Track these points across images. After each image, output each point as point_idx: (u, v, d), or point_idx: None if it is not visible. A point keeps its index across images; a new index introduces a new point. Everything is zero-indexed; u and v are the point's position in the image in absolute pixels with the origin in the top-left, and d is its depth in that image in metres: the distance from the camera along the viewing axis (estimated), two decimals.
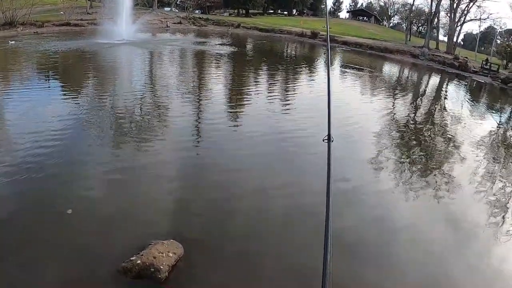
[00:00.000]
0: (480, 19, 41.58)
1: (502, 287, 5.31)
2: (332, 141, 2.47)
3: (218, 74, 18.25)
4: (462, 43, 54.89)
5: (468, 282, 5.31)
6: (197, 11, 53.72)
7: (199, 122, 10.56)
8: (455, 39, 41.13)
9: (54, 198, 6.15)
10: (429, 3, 42.47)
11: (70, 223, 5.51)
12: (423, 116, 14.98)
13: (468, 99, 21.39)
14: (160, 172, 7.42)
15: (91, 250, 4.95)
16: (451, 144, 11.40)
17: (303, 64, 24.47)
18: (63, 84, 13.96)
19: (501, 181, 8.97)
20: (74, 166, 7.28)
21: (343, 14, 77.00)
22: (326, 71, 3.68)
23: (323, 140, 2.50)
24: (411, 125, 13.00)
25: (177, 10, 52.85)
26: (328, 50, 4.17)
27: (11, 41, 22.86)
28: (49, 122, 9.33)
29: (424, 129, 12.71)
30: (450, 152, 10.67)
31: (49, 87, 13.37)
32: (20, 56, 18.97)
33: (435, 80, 27.50)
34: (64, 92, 12.71)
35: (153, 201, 6.41)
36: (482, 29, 48.56)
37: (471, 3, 38.99)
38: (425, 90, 22.34)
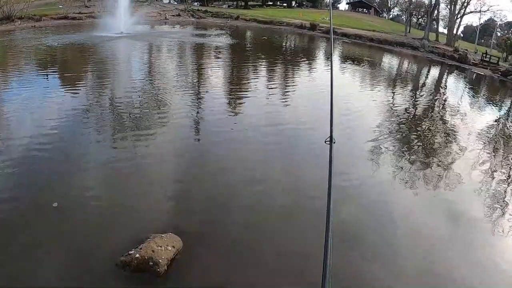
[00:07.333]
0: (480, 11, 41.33)
1: (501, 278, 5.36)
2: (334, 142, 2.47)
3: (217, 67, 18.13)
4: (462, 35, 54.52)
5: (468, 274, 5.35)
6: (195, 3, 53.27)
7: (198, 115, 10.54)
8: (455, 31, 40.88)
9: (47, 191, 6.17)
10: None
11: (65, 217, 5.51)
12: (422, 108, 14.94)
13: (468, 91, 21.37)
14: (158, 164, 7.43)
15: (89, 244, 4.97)
16: (451, 137, 11.40)
17: (303, 57, 24.33)
18: (60, 78, 13.92)
19: (500, 172, 9.02)
20: (70, 158, 7.30)
21: (343, 6, 76.39)
22: (329, 71, 3.66)
23: (325, 141, 2.49)
24: (411, 117, 12.99)
25: (175, 2, 52.45)
26: (331, 54, 4.17)
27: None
28: (45, 115, 9.34)
29: (424, 121, 12.70)
30: (449, 145, 10.67)
31: (46, 80, 13.31)
32: (17, 50, 18.88)
33: (435, 72, 27.43)
34: (62, 86, 12.66)
35: (151, 193, 6.43)
36: (482, 21, 48.30)
37: None
38: (425, 82, 22.28)
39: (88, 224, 5.40)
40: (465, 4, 39.64)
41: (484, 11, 41.57)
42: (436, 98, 17.44)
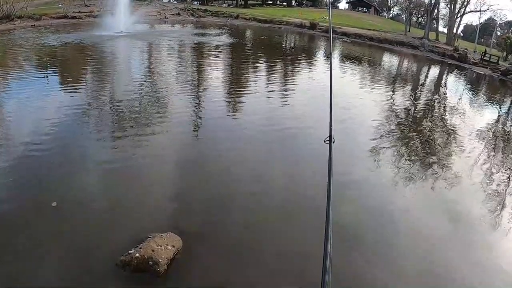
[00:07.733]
0: (480, 10, 41.25)
1: (501, 278, 5.35)
2: (334, 142, 2.46)
3: (217, 66, 18.10)
4: (462, 34, 54.45)
5: (468, 274, 5.34)
6: (195, 2, 53.27)
7: (198, 116, 10.53)
8: (455, 31, 40.85)
9: (47, 191, 6.15)
10: None
11: (65, 217, 5.50)
12: (422, 108, 14.93)
13: (468, 90, 21.36)
14: (158, 164, 7.42)
15: (89, 244, 4.97)
16: (451, 137, 11.39)
17: (303, 56, 24.31)
18: (60, 78, 13.88)
19: (501, 171, 9.02)
20: (70, 159, 7.28)
21: (343, 5, 76.30)
22: (328, 70, 3.66)
23: (325, 141, 2.48)
24: (411, 117, 12.99)
25: (175, 1, 52.32)
26: (331, 54, 4.13)
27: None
28: (45, 115, 9.32)
29: (424, 121, 12.68)
30: (450, 144, 10.67)
31: (46, 79, 13.28)
32: (17, 49, 18.86)
33: (434, 71, 27.43)
34: (61, 86, 12.63)
35: (151, 193, 6.42)
36: (482, 20, 48.22)
37: None
38: (424, 82, 22.29)
39: (88, 224, 5.39)
40: (465, 3, 39.65)
41: (484, 11, 41.57)
42: (436, 97, 17.43)
